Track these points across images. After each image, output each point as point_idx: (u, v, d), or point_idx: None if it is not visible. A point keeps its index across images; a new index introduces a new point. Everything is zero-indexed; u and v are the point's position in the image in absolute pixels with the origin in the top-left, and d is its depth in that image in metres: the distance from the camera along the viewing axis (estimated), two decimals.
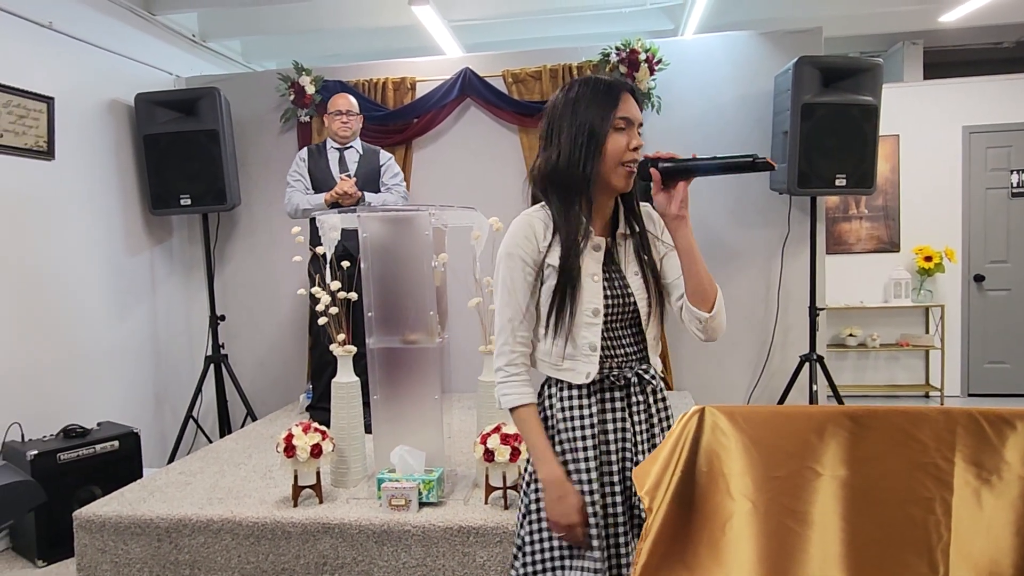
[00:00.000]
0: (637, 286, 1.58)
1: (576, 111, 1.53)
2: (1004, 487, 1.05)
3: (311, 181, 3.94)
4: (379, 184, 3.99)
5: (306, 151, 4.04)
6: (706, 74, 4.44)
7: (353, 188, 3.77)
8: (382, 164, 4.03)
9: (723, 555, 1.06)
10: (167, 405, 4.62)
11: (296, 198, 3.91)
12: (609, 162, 1.52)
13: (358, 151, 4.01)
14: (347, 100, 3.96)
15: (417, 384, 2.85)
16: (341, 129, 3.91)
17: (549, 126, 1.58)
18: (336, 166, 3.94)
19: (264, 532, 2.59)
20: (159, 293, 4.61)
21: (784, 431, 1.09)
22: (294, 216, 3.93)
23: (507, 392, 1.57)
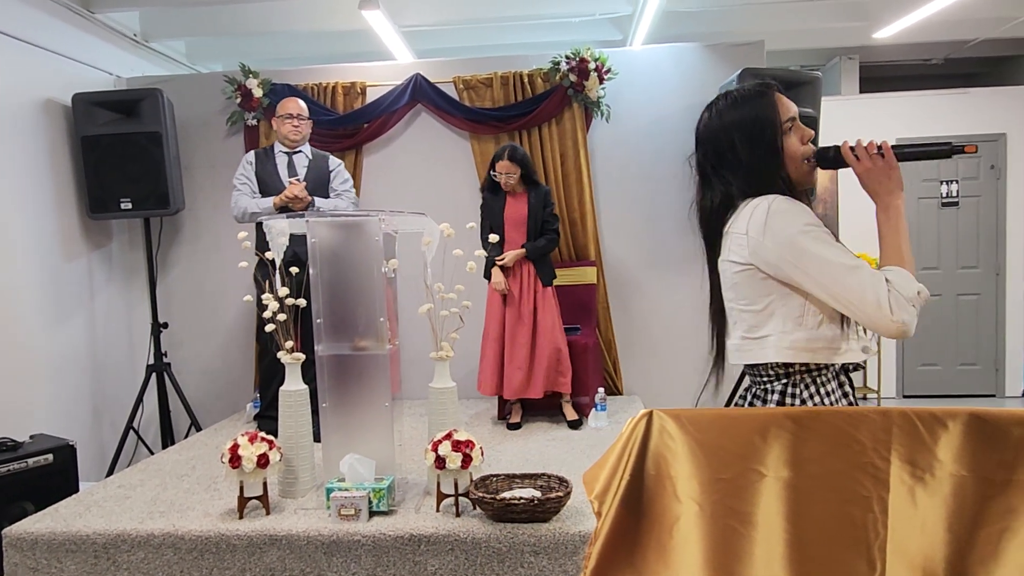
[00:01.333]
0: None
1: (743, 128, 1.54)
2: (937, 484, 1.09)
3: (258, 185, 3.86)
4: (328, 189, 3.94)
5: (253, 154, 3.96)
6: (654, 84, 4.52)
7: (303, 192, 3.71)
8: (331, 169, 3.98)
9: (670, 557, 1.08)
10: (106, 416, 4.46)
11: (244, 201, 3.82)
12: (791, 164, 1.55)
13: (307, 156, 3.95)
14: (297, 104, 3.90)
15: (367, 391, 2.82)
16: (291, 133, 3.84)
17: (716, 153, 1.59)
18: (285, 170, 3.87)
19: (208, 546, 2.52)
20: (98, 300, 4.45)
21: (729, 433, 1.11)
22: (241, 220, 3.84)
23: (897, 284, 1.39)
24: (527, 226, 3.86)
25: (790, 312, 1.49)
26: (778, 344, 1.50)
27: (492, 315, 3.93)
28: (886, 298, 1.35)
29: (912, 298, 1.36)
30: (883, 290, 1.36)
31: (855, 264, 1.40)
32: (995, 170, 6.03)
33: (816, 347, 1.48)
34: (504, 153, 3.81)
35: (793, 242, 1.44)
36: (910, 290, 1.36)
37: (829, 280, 1.41)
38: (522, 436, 3.79)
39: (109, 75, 4.65)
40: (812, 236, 1.44)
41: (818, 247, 1.43)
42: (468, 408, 4.37)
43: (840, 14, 5.04)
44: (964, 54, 6.27)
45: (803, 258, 1.44)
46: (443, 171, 4.63)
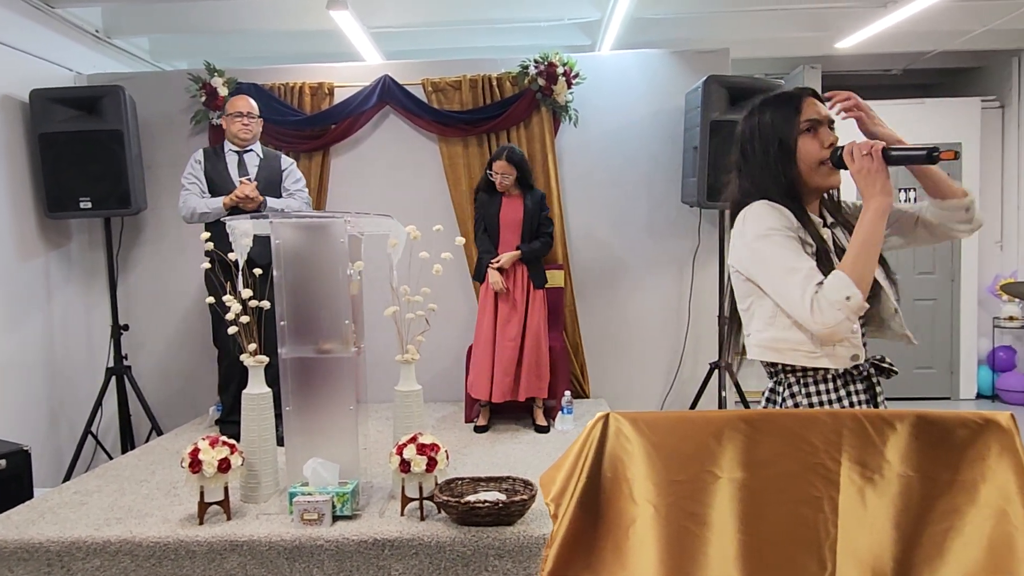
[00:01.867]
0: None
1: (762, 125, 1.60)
2: (886, 485, 1.12)
3: (208, 184, 3.76)
4: (280, 189, 3.85)
5: (202, 152, 3.86)
6: (621, 90, 4.57)
7: (254, 192, 3.64)
8: (283, 169, 3.89)
9: (627, 559, 1.09)
10: (63, 421, 4.35)
11: (192, 201, 3.73)
12: (804, 166, 1.58)
13: (258, 155, 3.86)
14: (247, 102, 3.83)
15: (331, 394, 2.80)
16: (241, 131, 3.76)
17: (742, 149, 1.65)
18: (235, 169, 3.78)
19: (167, 552, 2.47)
20: (55, 301, 4.34)
21: (684, 436, 1.13)
22: (190, 220, 3.77)
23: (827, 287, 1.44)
24: (522, 228, 3.88)
25: (764, 312, 1.54)
26: (752, 343, 1.56)
27: (484, 317, 3.92)
28: (810, 300, 1.42)
29: (838, 302, 1.41)
30: (810, 293, 1.42)
31: (794, 267, 1.46)
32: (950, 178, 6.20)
33: (782, 347, 1.52)
34: (502, 154, 3.82)
35: (753, 245, 1.52)
36: (839, 295, 1.41)
37: (771, 280, 1.49)
38: (488, 439, 3.79)
39: (69, 71, 4.54)
40: (771, 240, 1.50)
41: (771, 249, 1.49)
42: (435, 411, 4.36)
43: (803, 24, 5.14)
44: (922, 65, 6.44)
45: (757, 260, 1.51)
46: (411, 173, 4.62)
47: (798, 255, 1.49)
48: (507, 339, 3.85)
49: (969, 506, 1.10)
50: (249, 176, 3.75)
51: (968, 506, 1.10)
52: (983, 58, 6.43)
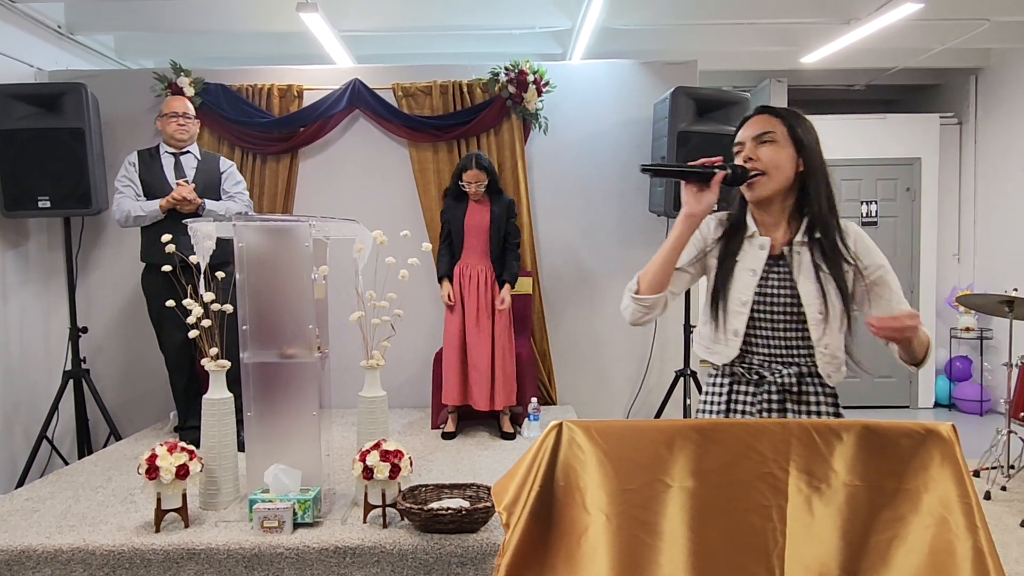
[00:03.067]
0: (808, 292, 1.63)
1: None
2: (832, 494, 1.15)
3: (143, 188, 3.69)
4: (220, 192, 3.79)
5: (136, 155, 3.78)
6: (591, 99, 4.60)
7: (192, 194, 3.58)
8: (223, 171, 3.83)
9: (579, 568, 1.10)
10: (17, 425, 4.23)
11: (127, 204, 3.65)
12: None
13: (196, 156, 3.80)
14: (182, 102, 3.78)
15: (294, 400, 2.77)
16: (178, 132, 3.70)
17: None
18: (171, 172, 3.72)
19: (121, 561, 2.42)
20: (11, 302, 4.23)
21: (636, 444, 1.14)
22: (125, 224, 3.70)
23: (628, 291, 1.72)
24: (488, 235, 3.87)
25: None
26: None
27: (452, 322, 3.90)
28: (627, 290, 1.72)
29: (628, 289, 1.72)
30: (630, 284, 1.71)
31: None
32: (910, 192, 6.36)
33: (698, 340, 1.77)
34: (471, 162, 3.80)
35: None
36: (629, 284, 1.71)
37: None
38: (454, 446, 3.78)
39: (30, 67, 4.44)
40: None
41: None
42: (401, 417, 4.34)
43: (770, 38, 5.24)
44: (883, 81, 6.60)
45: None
46: (380, 178, 4.60)
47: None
48: (479, 347, 3.83)
49: (912, 515, 1.12)
50: (186, 178, 3.68)
51: (911, 515, 1.13)
52: (942, 76, 6.61)
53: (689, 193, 1.62)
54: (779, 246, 1.69)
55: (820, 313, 1.62)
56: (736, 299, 1.66)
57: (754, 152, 1.66)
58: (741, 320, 1.65)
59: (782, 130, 1.66)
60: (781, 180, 1.65)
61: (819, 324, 1.63)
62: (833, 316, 1.63)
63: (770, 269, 1.68)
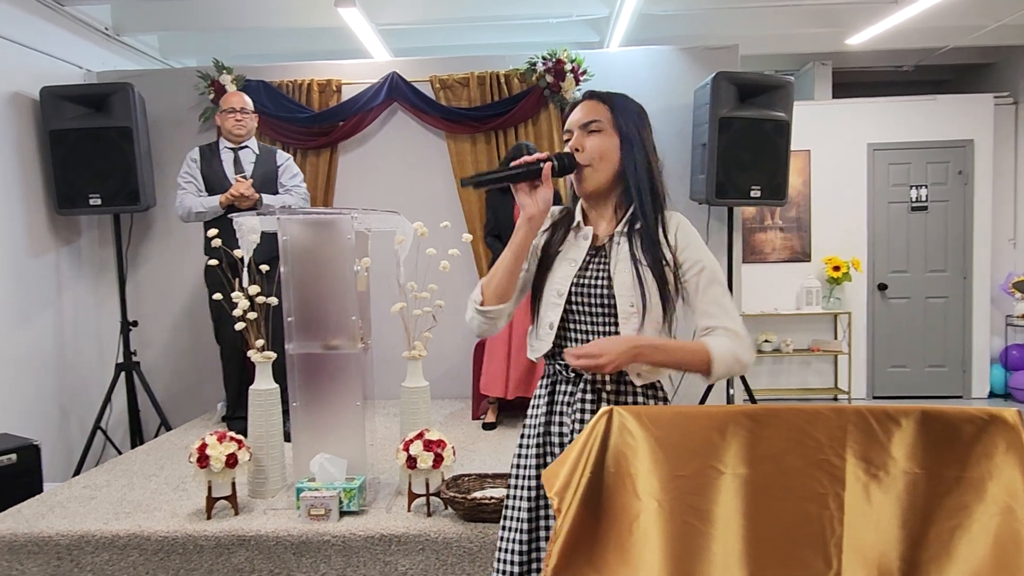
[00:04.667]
0: (622, 283, 1.53)
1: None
2: (891, 481, 1.11)
3: (204, 183, 3.77)
4: (277, 185, 3.84)
5: (197, 151, 3.85)
6: (629, 86, 4.47)
7: (250, 190, 3.64)
8: (280, 165, 3.88)
9: (630, 555, 1.09)
10: (73, 416, 4.38)
11: (188, 201, 3.73)
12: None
13: (254, 151, 3.86)
14: (240, 98, 3.83)
15: (338, 390, 2.80)
16: (235, 127, 3.76)
17: None
18: (231, 167, 3.78)
19: (175, 547, 2.49)
20: (65, 297, 4.37)
21: (688, 431, 1.12)
22: (186, 220, 3.78)
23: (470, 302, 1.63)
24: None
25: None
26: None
27: None
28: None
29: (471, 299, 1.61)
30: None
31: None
32: (963, 176, 6.15)
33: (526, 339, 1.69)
34: (522, 152, 3.77)
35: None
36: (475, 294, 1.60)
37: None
38: (495, 436, 3.79)
39: (79, 69, 4.57)
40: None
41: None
42: (442, 408, 4.36)
43: (814, 20, 5.11)
44: (934, 61, 6.38)
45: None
46: (419, 170, 4.62)
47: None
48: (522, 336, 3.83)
49: (976, 503, 1.09)
50: (245, 174, 3.74)
51: (975, 503, 1.09)
52: (996, 54, 6.36)
53: (523, 195, 1.54)
54: (603, 237, 1.61)
55: (632, 306, 1.52)
56: (553, 290, 1.58)
57: (581, 142, 1.58)
58: (556, 312, 1.56)
59: (608, 117, 1.58)
60: (607, 171, 1.57)
61: (630, 317, 1.52)
62: (650, 310, 1.51)
63: (591, 260, 1.59)
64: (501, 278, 1.56)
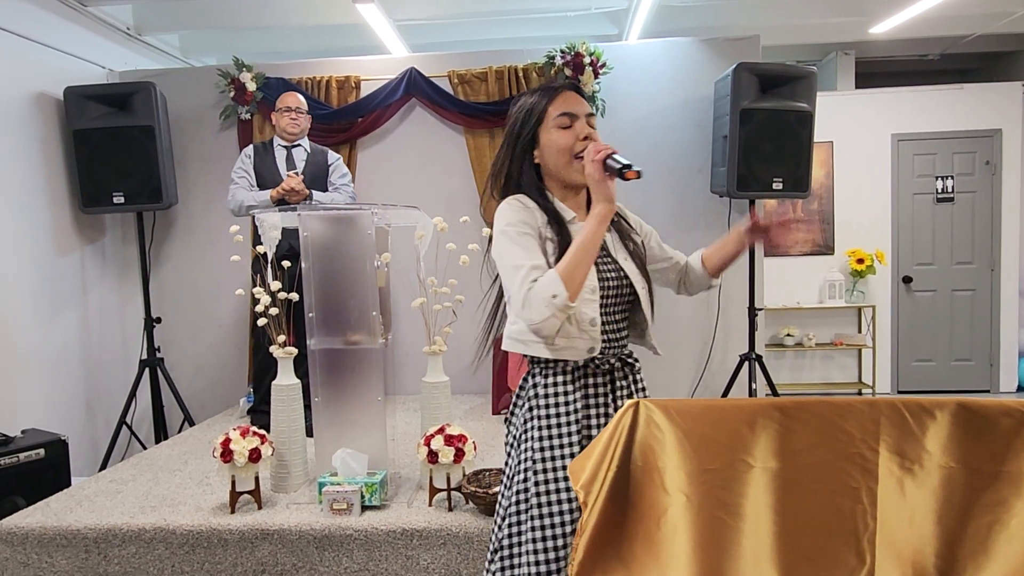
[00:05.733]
0: (631, 270, 1.64)
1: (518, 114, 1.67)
2: (925, 476, 1.08)
3: (257, 179, 3.86)
4: (327, 183, 3.94)
5: (252, 148, 3.96)
6: (649, 78, 4.51)
7: (300, 185, 3.71)
8: (330, 164, 3.98)
9: (659, 550, 1.07)
10: (99, 411, 4.44)
11: (240, 194, 3.82)
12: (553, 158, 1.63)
13: (306, 150, 3.95)
14: (296, 98, 3.92)
15: (360, 386, 2.81)
16: (290, 126, 3.86)
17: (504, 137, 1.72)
18: (283, 164, 3.88)
19: (199, 540, 2.51)
20: (90, 295, 4.43)
21: (717, 424, 1.10)
22: (238, 213, 3.84)
23: (539, 285, 1.49)
24: None
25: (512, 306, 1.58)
26: (505, 334, 1.62)
27: None
28: (523, 296, 1.48)
29: (545, 299, 1.45)
30: (524, 289, 1.48)
31: (519, 264, 1.50)
32: (990, 166, 6.03)
33: (526, 339, 1.56)
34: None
35: (495, 240, 1.58)
36: (546, 293, 1.46)
37: (502, 275, 1.55)
38: None
39: (101, 68, 4.62)
40: (506, 235, 1.55)
41: (504, 245, 1.54)
42: (463, 403, 4.36)
43: (836, 9, 5.03)
44: (960, 50, 6.26)
45: (495, 255, 1.58)
46: (438, 165, 4.62)
47: (528, 252, 1.51)
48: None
49: (1015, 499, 1.06)
50: (296, 170, 3.80)
51: (1014, 499, 1.06)
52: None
53: (613, 186, 1.54)
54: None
55: (643, 288, 1.62)
56: (585, 287, 1.55)
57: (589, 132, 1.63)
58: (594, 307, 1.57)
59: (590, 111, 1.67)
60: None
61: (644, 299, 1.64)
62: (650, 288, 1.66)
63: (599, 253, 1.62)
64: (584, 273, 1.50)
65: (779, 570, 1.04)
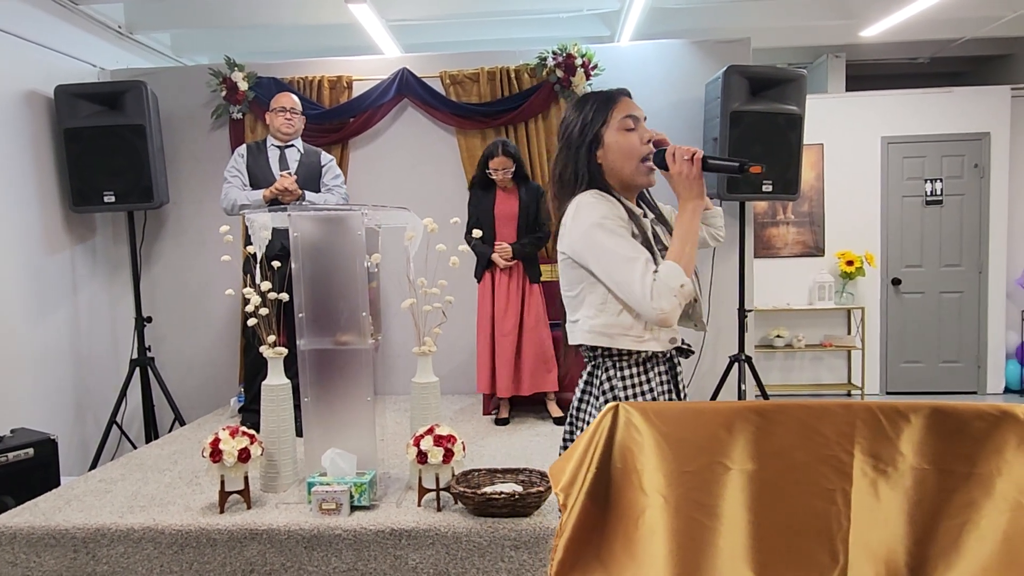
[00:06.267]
0: None
1: (582, 119, 1.69)
2: (899, 477, 1.11)
3: (249, 178, 3.84)
4: (319, 184, 3.93)
5: (245, 148, 3.94)
6: (640, 80, 4.52)
7: (293, 185, 3.69)
8: (323, 165, 3.97)
9: (636, 550, 1.09)
10: (89, 411, 4.43)
11: (233, 194, 3.81)
12: (624, 161, 1.66)
13: (299, 150, 3.94)
14: (291, 98, 3.91)
15: (349, 386, 2.82)
16: (284, 126, 3.83)
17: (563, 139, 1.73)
18: (276, 164, 3.86)
19: (188, 540, 2.52)
20: (81, 294, 4.42)
21: (695, 426, 1.12)
22: (231, 212, 3.83)
23: (663, 276, 1.52)
24: (517, 222, 3.86)
25: (596, 299, 1.61)
26: (583, 328, 1.63)
27: (483, 314, 3.93)
28: (650, 287, 1.49)
29: (674, 288, 1.49)
30: (649, 279, 1.50)
31: (632, 256, 1.52)
32: (979, 169, 6.08)
33: (613, 333, 1.60)
34: (498, 149, 3.79)
35: (588, 232, 1.57)
36: (675, 282, 1.49)
37: (609, 267, 1.55)
38: (506, 431, 3.80)
39: (92, 67, 4.61)
40: (604, 228, 1.56)
41: (605, 238, 1.55)
42: (453, 403, 4.38)
43: (827, 12, 5.06)
44: (949, 53, 6.31)
45: (593, 247, 1.57)
46: (429, 166, 4.63)
47: (633, 244, 1.55)
48: (503, 334, 3.86)
49: (985, 500, 1.08)
50: (290, 170, 3.81)
51: (984, 500, 1.08)
52: (1013, 45, 6.28)
53: (703, 184, 1.61)
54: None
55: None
56: None
57: (662, 137, 1.70)
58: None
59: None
60: None
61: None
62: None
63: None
64: (692, 264, 1.57)
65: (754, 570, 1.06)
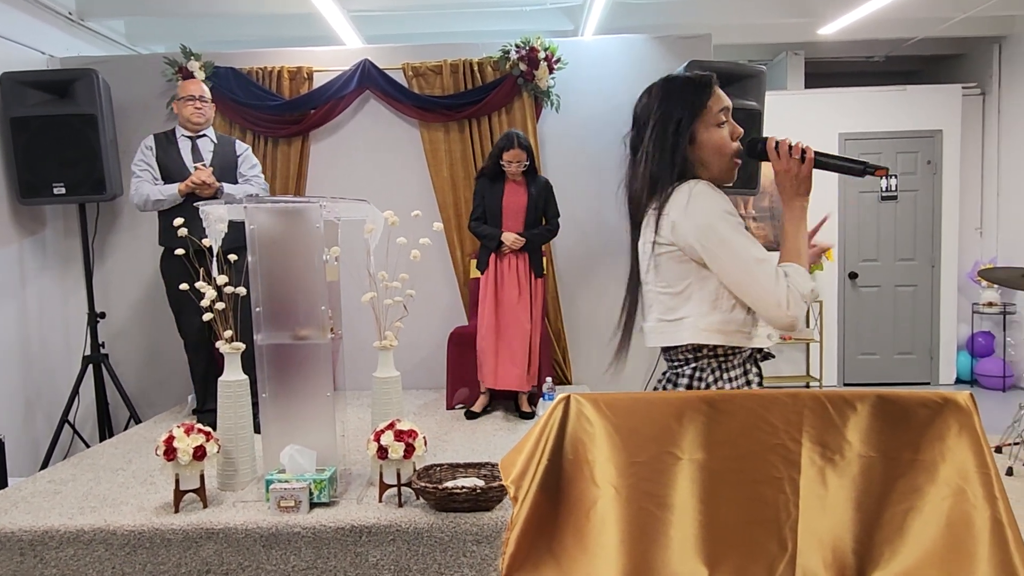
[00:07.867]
0: None
1: (668, 114, 1.60)
2: (846, 465, 1.13)
3: (160, 171, 3.70)
4: (236, 175, 3.80)
5: (152, 139, 3.78)
6: (603, 75, 4.54)
7: (211, 178, 3.59)
8: (239, 154, 3.84)
9: (588, 541, 1.09)
10: (39, 410, 4.30)
11: (145, 188, 3.66)
12: (715, 156, 1.59)
13: (212, 140, 3.80)
14: (198, 85, 3.77)
15: (308, 381, 2.78)
16: (194, 115, 3.69)
17: (646, 135, 1.65)
18: (189, 155, 3.72)
19: (141, 541, 2.46)
20: (30, 289, 4.28)
21: (645, 417, 1.13)
22: (143, 209, 3.70)
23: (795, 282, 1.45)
24: (525, 215, 3.84)
25: (706, 295, 1.52)
26: (694, 326, 1.53)
27: (486, 305, 3.88)
28: (785, 294, 1.42)
29: (806, 295, 1.43)
30: (783, 285, 1.42)
31: (763, 257, 1.46)
32: (931, 165, 6.24)
33: (729, 330, 1.51)
34: (512, 142, 3.74)
35: (710, 226, 1.48)
36: (805, 288, 1.43)
37: (737, 268, 1.46)
38: (470, 426, 3.79)
39: (42, 54, 4.46)
40: (728, 224, 1.48)
41: (732, 235, 1.47)
42: (417, 398, 4.35)
43: (786, 10, 5.14)
44: (904, 52, 6.46)
45: (716, 243, 1.48)
46: (392, 159, 4.58)
47: (758, 244, 1.49)
48: (512, 329, 3.80)
49: (929, 485, 1.10)
50: (204, 162, 3.68)
51: (928, 485, 1.10)
52: (964, 45, 6.45)
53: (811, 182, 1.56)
54: None
55: None
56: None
57: (739, 129, 1.64)
58: None
59: None
60: None
61: None
62: None
63: None
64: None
65: (704, 559, 1.07)
